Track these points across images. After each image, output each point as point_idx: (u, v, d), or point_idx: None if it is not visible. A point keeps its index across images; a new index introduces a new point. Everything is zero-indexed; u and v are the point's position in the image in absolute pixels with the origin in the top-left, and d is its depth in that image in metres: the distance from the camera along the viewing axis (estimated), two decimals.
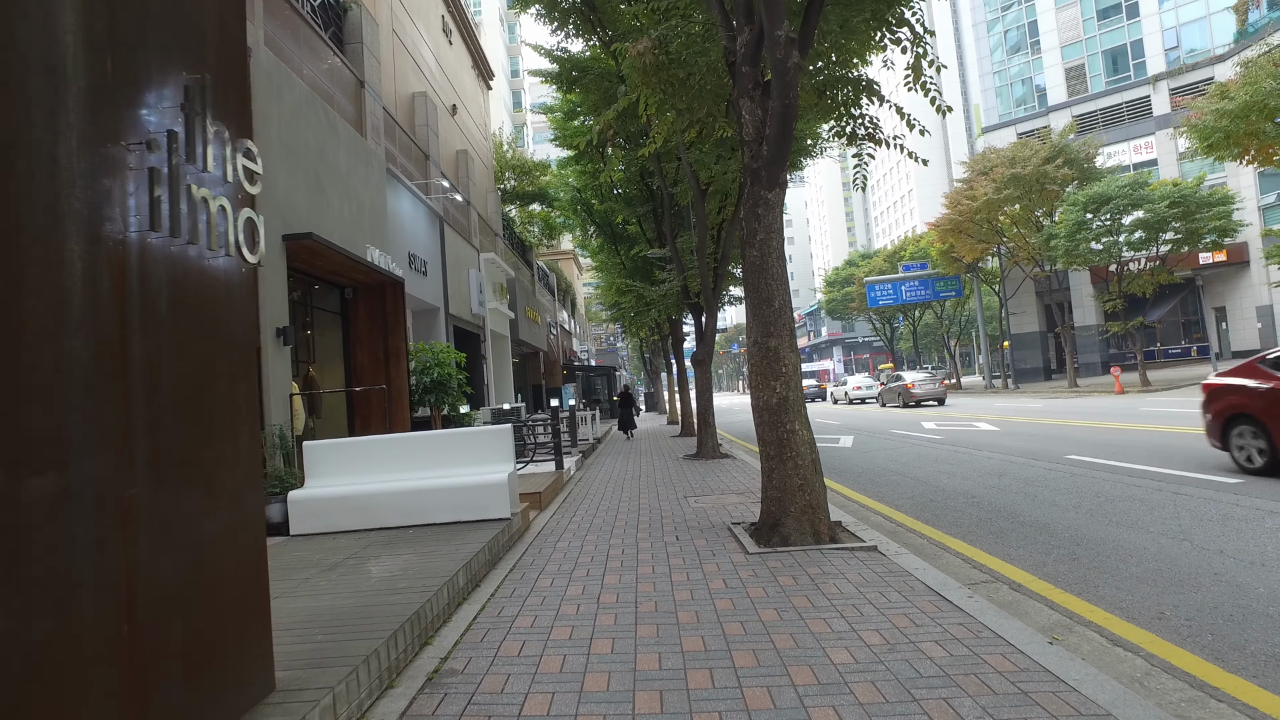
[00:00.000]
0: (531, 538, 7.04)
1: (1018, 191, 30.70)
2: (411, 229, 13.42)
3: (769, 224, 6.38)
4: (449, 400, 10.81)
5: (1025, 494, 8.34)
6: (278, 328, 7.67)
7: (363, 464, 7.12)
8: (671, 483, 10.80)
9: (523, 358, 29.04)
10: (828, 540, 6.17)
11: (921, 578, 4.99)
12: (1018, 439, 14.01)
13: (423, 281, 13.76)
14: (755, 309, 6.43)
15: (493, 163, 24.63)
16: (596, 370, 45.55)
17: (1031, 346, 41.25)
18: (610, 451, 17.71)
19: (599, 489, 10.62)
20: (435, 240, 15.01)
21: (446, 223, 15.91)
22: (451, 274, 15.81)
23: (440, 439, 7.30)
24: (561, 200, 28.66)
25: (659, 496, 9.48)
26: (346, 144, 10.14)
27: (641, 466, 13.41)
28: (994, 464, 10.93)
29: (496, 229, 22.66)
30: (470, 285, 17.41)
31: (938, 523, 7.35)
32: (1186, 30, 38.22)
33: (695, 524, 7.31)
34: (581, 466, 14.30)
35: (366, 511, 6.74)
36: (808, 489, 6.22)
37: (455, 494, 6.75)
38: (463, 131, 19.81)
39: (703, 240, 14.03)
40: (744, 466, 12.34)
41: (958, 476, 10.11)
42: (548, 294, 33.62)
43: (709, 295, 14.11)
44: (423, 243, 13.98)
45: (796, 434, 6.28)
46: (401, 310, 11.01)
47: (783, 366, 6.32)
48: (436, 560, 5.28)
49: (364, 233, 10.42)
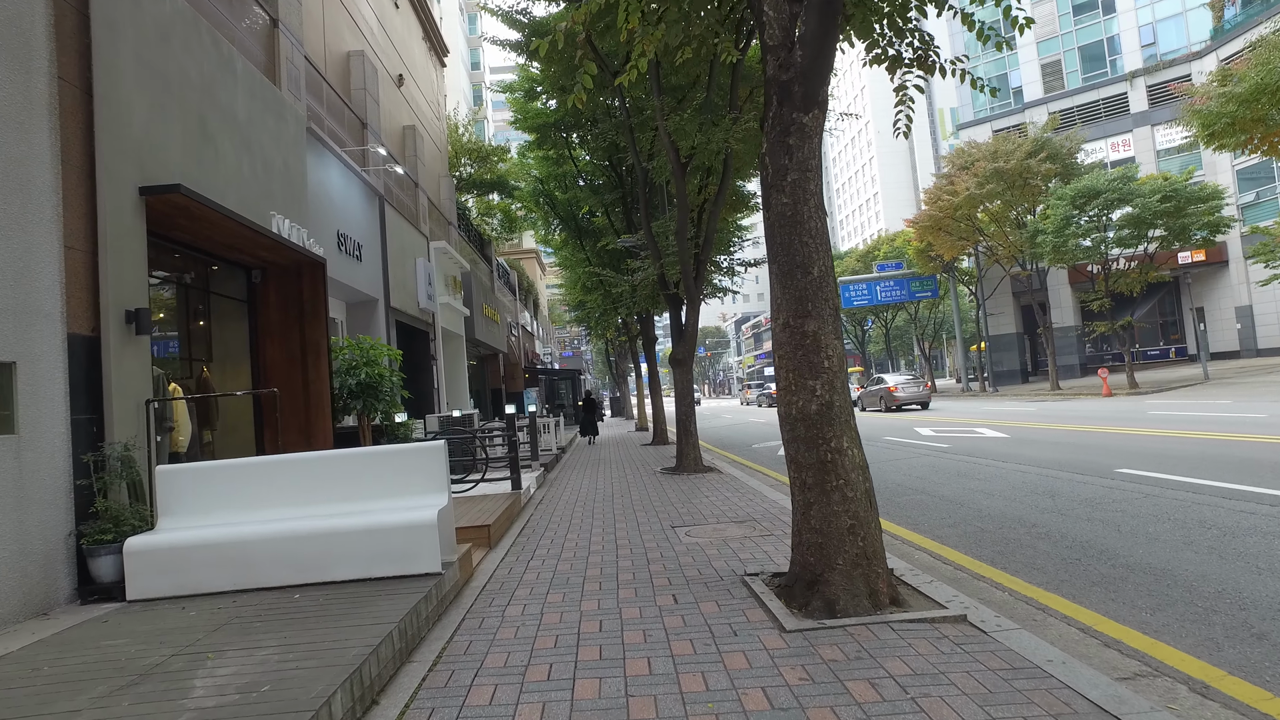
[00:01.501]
0: (471, 598, 5.12)
1: (1000, 186, 29.48)
2: (343, 205, 11.41)
3: (803, 159, 4.57)
4: (381, 407, 8.86)
5: (1101, 521, 6.66)
6: (128, 310, 5.66)
7: (241, 496, 5.15)
8: (652, 506, 8.94)
9: (480, 360, 26.97)
10: (889, 603, 4.39)
11: (1063, 676, 3.22)
12: (1038, 448, 12.44)
13: (356, 268, 11.75)
14: (785, 278, 4.61)
15: (447, 147, 22.58)
16: (560, 374, 43.51)
17: (1008, 348, 40.25)
18: (576, 462, 15.81)
19: (565, 515, 8.72)
20: (374, 221, 12.99)
21: (389, 203, 13.89)
22: (394, 261, 13.80)
23: (352, 462, 5.35)
24: (522, 190, 26.66)
25: (640, 526, 7.62)
26: (250, 88, 8.13)
27: (614, 483, 11.54)
28: (1032, 479, 9.27)
29: (450, 218, 20.62)
30: (418, 276, 15.39)
31: (1010, 565, 5.62)
32: (1163, 26, 37.60)
33: (696, 574, 5.46)
34: (544, 482, 12.38)
35: (241, 565, 4.78)
36: (861, 531, 4.43)
37: (367, 539, 4.82)
38: (411, 106, 17.77)
39: (683, 221, 12.23)
40: (734, 484, 10.54)
41: (997, 496, 8.42)
42: (508, 293, 31.58)
43: (690, 285, 12.31)
44: (357, 222, 11.96)
45: (845, 454, 4.48)
46: (323, 297, 9.00)
47: (824, 359, 4.52)
48: (313, 660, 3.36)
49: (273, 199, 8.41)
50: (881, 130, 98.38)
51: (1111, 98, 38.62)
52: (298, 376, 9.02)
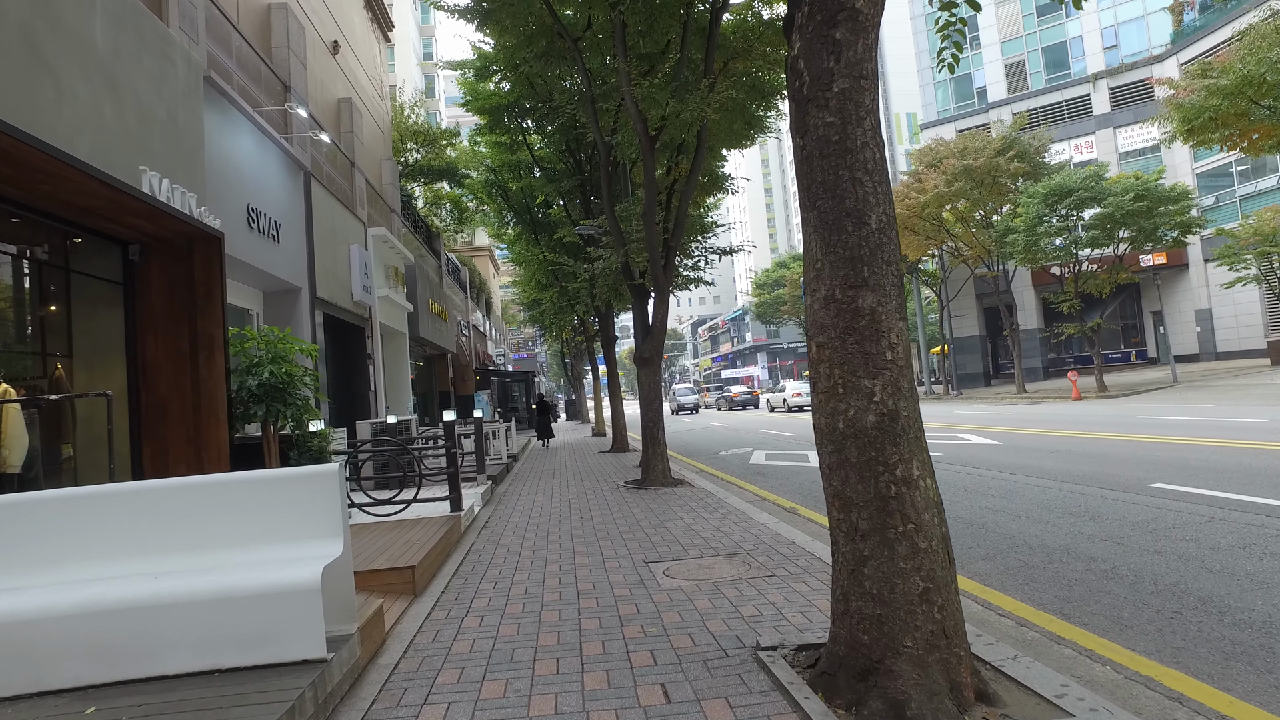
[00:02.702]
0: (375, 688, 3.60)
1: (969, 184, 28.72)
2: (256, 175, 9.71)
3: (855, 60, 3.19)
4: (290, 413, 7.26)
5: (1175, 555, 5.41)
6: None
7: (32, 547, 3.56)
8: (619, 531, 7.49)
9: (427, 360, 25.19)
10: (974, 699, 3.04)
11: None
12: (1038, 456, 11.32)
13: (273, 250, 10.06)
14: (829, 232, 3.22)
15: (390, 128, 20.81)
16: (513, 376, 41.73)
17: (971, 351, 39.74)
18: (529, 473, 14.28)
19: (513, 545, 7.22)
20: (297, 198, 11.29)
21: (317, 179, 12.19)
22: (323, 246, 12.11)
23: (204, 493, 3.79)
24: (474, 180, 24.98)
25: (606, 562, 6.16)
26: (118, 15, 6.47)
27: (572, 500, 10.05)
28: (1055, 496, 8.07)
29: (394, 205, 18.89)
30: (352, 264, 13.69)
31: (1091, 620, 4.32)
32: (1125, 30, 37.46)
33: (689, 644, 4.02)
34: (491, 498, 10.84)
35: (20, 659, 3.19)
36: (938, 598, 3.07)
37: (216, 611, 3.29)
38: (349, 78, 16.04)
39: (650, 202, 10.81)
40: (710, 501, 9.14)
41: (1024, 517, 7.17)
42: (459, 290, 29.77)
43: (659, 274, 10.89)
44: (275, 197, 10.26)
45: (915, 487, 3.11)
46: (219, 279, 7.36)
47: (886, 348, 3.14)
48: None
49: (149, 155, 6.75)
50: None
51: (1074, 99, 38.40)
52: (186, 376, 7.35)
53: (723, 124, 11.43)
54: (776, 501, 9.59)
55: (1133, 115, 36.52)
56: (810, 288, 3.30)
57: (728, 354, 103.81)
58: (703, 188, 12.74)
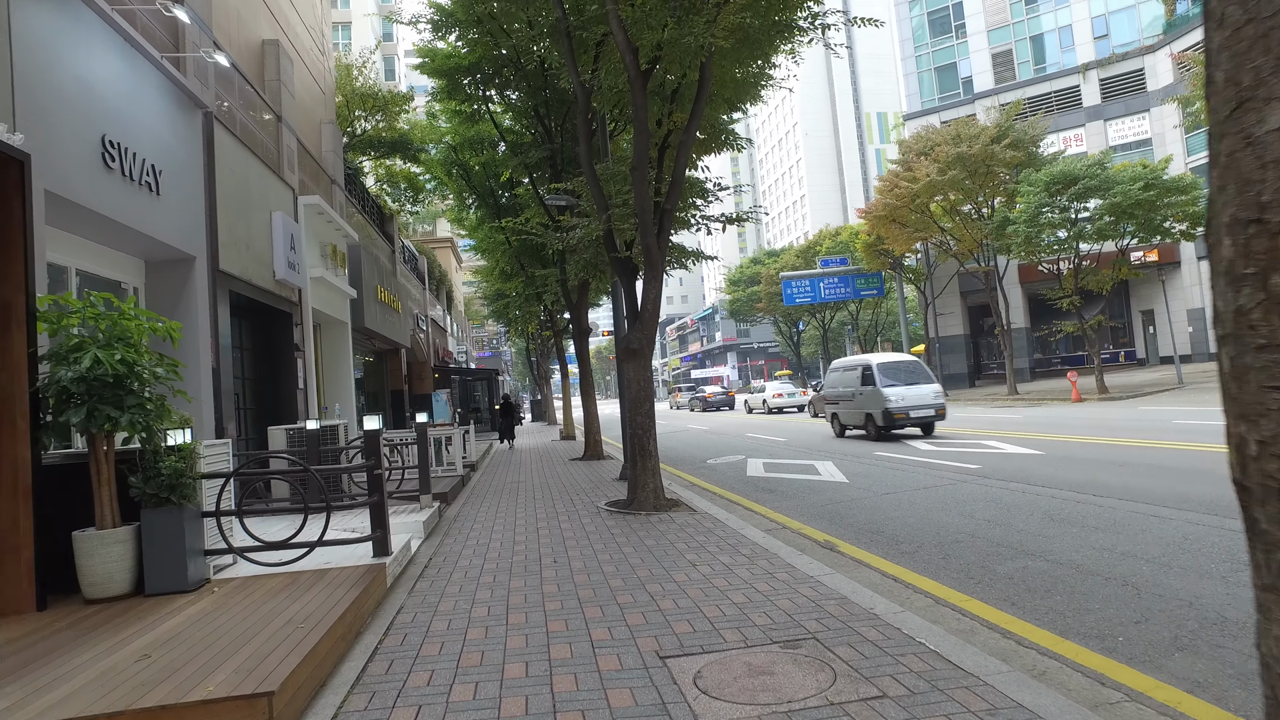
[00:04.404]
0: None
1: (963, 173, 27.00)
2: (120, 101, 7.29)
3: None
4: (130, 419, 4.91)
5: None
6: None
7: None
8: (610, 591, 5.27)
9: (379, 356, 22.70)
10: None
11: None
12: (1105, 470, 9.37)
13: (149, 203, 7.65)
14: None
15: (333, 89, 18.27)
16: (476, 374, 39.16)
17: (956, 350, 38.17)
18: (490, 487, 11.99)
19: (457, 622, 4.95)
20: (191, 142, 8.87)
21: (224, 125, 9.77)
22: (231, 208, 9.70)
23: None
24: (432, 158, 22.53)
25: (600, 659, 3.93)
26: None
27: (542, 531, 7.81)
28: (1188, 533, 6.06)
29: (335, 176, 16.43)
30: (274, 235, 11.28)
31: None
32: (1115, 19, 36.18)
33: None
34: (437, 526, 8.54)
35: None
36: None
37: None
38: (276, 17, 13.57)
39: (642, 153, 8.62)
40: (722, 534, 6.97)
41: (1177, 569, 5.13)
42: (416, 281, 27.21)
43: (650, 243, 8.68)
44: (151, 134, 7.84)
45: None
46: (19, 221, 5.00)
47: None
48: None
49: None
50: (809, 132, 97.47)
51: (1063, 90, 37.04)
52: None
53: (731, 61, 9.28)
54: (802, 531, 7.49)
55: (1124, 108, 35.28)
56: (1212, 217, 1.18)
57: (697, 354, 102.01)
58: (702, 145, 10.56)
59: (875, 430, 16.52)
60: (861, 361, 17.94)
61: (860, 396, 17.05)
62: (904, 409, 15.98)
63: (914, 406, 16.01)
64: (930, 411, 16.06)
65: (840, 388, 18.29)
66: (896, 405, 15.95)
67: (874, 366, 16.86)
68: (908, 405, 16.02)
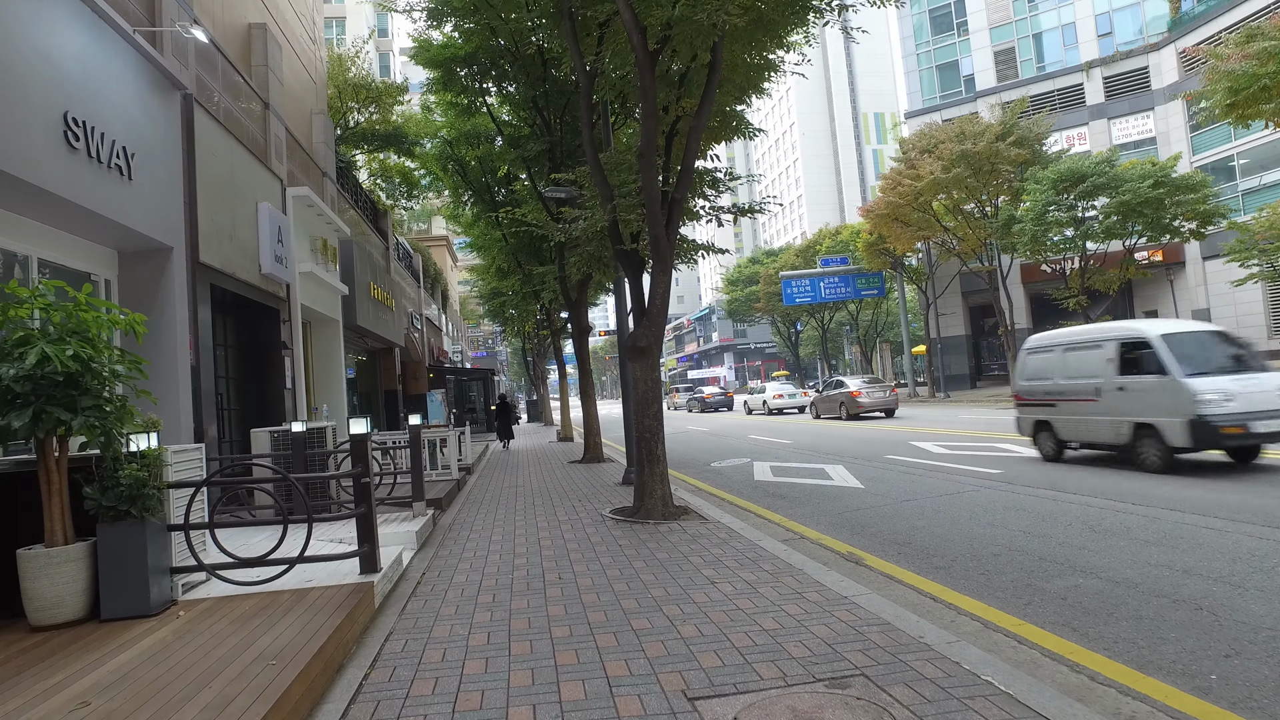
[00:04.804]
0: None
1: (967, 171, 26.51)
2: (85, 75, 6.71)
3: None
4: (87, 419, 4.36)
5: None
6: None
7: None
8: (624, 614, 4.73)
9: (372, 355, 22.12)
10: None
11: None
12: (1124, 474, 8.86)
13: (119, 188, 7.10)
14: None
15: (325, 80, 17.70)
16: (472, 374, 38.55)
17: (957, 351, 37.69)
18: (487, 492, 11.43)
19: (453, 653, 4.40)
20: (169, 125, 8.31)
21: (205, 108, 9.21)
22: (211, 195, 9.14)
23: None
24: (426, 152, 21.94)
25: (619, 699, 3.39)
26: None
27: (544, 543, 7.26)
28: (1254, 547, 5.56)
29: (326, 168, 15.86)
30: (260, 227, 10.71)
31: None
32: (1119, 16, 35.75)
33: None
34: (432, 536, 7.99)
35: None
36: None
37: None
38: (264, 3, 13.00)
39: (650, 138, 8.10)
40: (738, 545, 6.44)
41: (1254, 590, 4.62)
42: (410, 279, 26.62)
43: (659, 234, 8.15)
44: (122, 114, 7.28)
45: None
46: None
47: None
48: None
49: None
50: (806, 132, 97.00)
51: (1066, 88, 36.60)
52: None
53: (742, 44, 8.75)
54: (822, 541, 6.98)
55: (1128, 106, 34.85)
56: None
57: (693, 354, 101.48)
58: (712, 133, 10.03)
59: (1159, 454, 9.43)
60: (1118, 333, 10.46)
61: (1119, 394, 10.04)
62: (1238, 416, 8.84)
63: (1258, 412, 8.87)
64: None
65: (1059, 379, 11.19)
66: (1220, 410, 8.84)
67: (1155, 340, 9.69)
68: (1243, 410, 8.85)
